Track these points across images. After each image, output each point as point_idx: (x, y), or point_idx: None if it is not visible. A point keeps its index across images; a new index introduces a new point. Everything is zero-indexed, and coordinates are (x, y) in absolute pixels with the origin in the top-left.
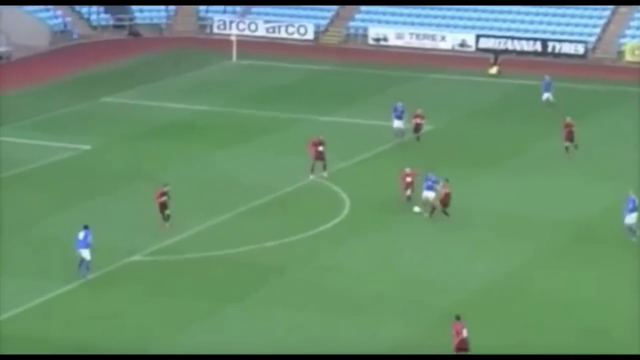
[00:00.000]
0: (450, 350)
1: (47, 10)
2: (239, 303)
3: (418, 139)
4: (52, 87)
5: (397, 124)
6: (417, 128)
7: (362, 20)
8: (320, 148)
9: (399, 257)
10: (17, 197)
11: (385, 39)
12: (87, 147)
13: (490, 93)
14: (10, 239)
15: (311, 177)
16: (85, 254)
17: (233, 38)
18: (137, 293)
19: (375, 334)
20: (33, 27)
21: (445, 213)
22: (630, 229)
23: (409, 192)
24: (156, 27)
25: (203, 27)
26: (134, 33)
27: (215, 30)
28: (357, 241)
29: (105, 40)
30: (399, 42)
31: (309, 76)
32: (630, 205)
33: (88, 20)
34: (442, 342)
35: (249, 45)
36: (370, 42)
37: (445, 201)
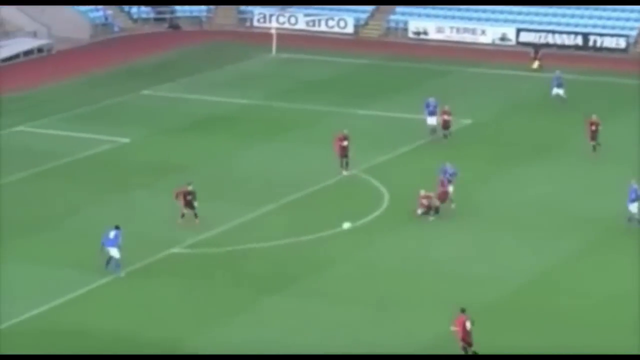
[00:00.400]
0: (487, 349)
1: None
2: (277, 296)
3: (446, 136)
4: (92, 80)
5: (430, 120)
6: (446, 125)
7: (403, 14)
8: (345, 143)
9: (437, 252)
10: (57, 189)
11: (425, 33)
12: (126, 139)
13: (530, 87)
14: (50, 231)
15: (344, 173)
16: (114, 252)
17: (273, 31)
18: (176, 285)
19: (413, 330)
20: (74, 20)
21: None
22: (632, 218)
23: (420, 211)
24: (196, 20)
25: (243, 20)
26: (174, 26)
27: (255, 23)
28: (396, 235)
29: (145, 33)
30: (439, 36)
31: (348, 70)
32: (633, 195)
33: (129, 13)
34: (479, 340)
35: (288, 39)
36: (411, 35)
37: (443, 197)
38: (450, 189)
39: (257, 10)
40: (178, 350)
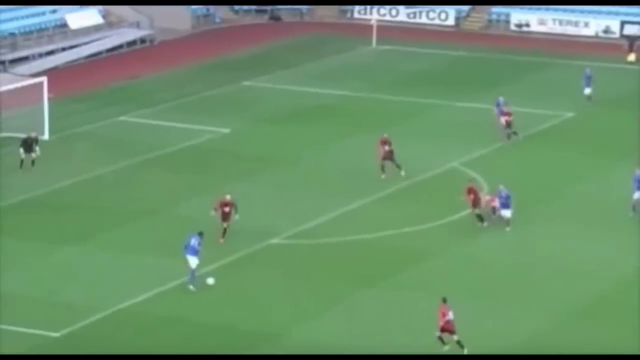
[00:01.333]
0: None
1: None
2: (375, 288)
3: (509, 137)
4: (194, 71)
5: (502, 120)
6: (508, 124)
7: (504, 6)
8: (387, 147)
9: (538, 246)
10: (157, 179)
11: (527, 25)
12: (227, 130)
13: (631, 81)
14: (149, 221)
15: (382, 176)
16: (193, 261)
17: (373, 23)
18: (274, 276)
19: (513, 324)
20: (176, 11)
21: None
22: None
23: (475, 210)
24: (297, 11)
25: (344, 11)
26: (275, 17)
27: (356, 15)
28: (496, 229)
29: (246, 25)
30: (541, 28)
31: (448, 62)
32: (637, 184)
33: (230, 4)
34: (580, 335)
35: (389, 31)
36: (512, 28)
37: (476, 203)
38: (509, 213)
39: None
40: (274, 341)
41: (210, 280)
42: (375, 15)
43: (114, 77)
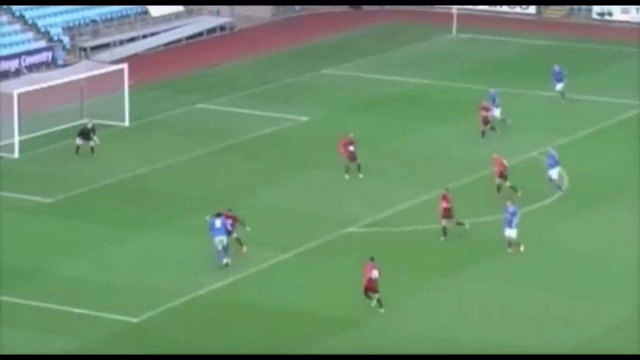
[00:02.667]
0: None
1: None
2: (453, 278)
3: (483, 134)
4: (273, 59)
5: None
6: (485, 121)
7: None
8: (351, 148)
9: (619, 236)
10: (236, 166)
11: (609, 14)
12: (305, 118)
13: None
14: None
15: (346, 177)
16: (221, 240)
17: (454, 11)
18: (351, 264)
19: (591, 314)
20: None
21: (459, 224)
22: (552, 182)
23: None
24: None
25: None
26: (355, 5)
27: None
28: (576, 219)
29: (326, 12)
30: (624, 17)
31: (530, 51)
32: (550, 161)
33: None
34: None
35: (469, 19)
36: (594, 16)
37: (446, 214)
38: (513, 233)
39: None
40: (352, 329)
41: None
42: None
43: (194, 64)
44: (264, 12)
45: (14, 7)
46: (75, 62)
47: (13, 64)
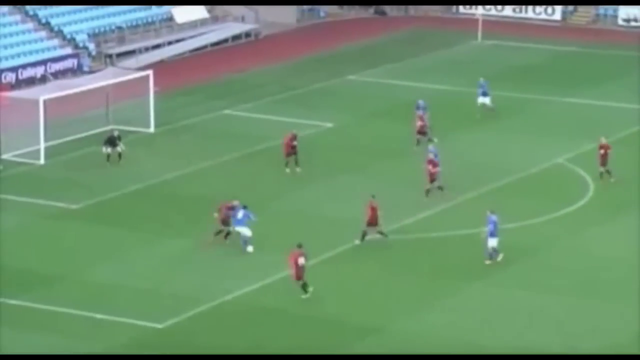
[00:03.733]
0: None
1: None
2: (478, 283)
3: (418, 142)
4: (298, 65)
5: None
6: (421, 131)
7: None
8: (295, 143)
9: None
10: (261, 172)
11: (635, 20)
12: (330, 124)
13: None
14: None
15: (287, 170)
16: (245, 230)
17: (479, 17)
18: (376, 270)
19: (619, 322)
20: (281, 5)
21: (381, 233)
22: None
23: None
24: (402, 5)
25: (449, 6)
26: (380, 12)
27: (461, 9)
28: (602, 225)
29: (351, 19)
30: None
31: (555, 57)
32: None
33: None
34: None
35: (494, 25)
36: (620, 22)
37: (372, 221)
38: (495, 242)
39: None
40: (379, 335)
41: (250, 249)
42: (480, 10)
43: (219, 71)
44: (289, 19)
45: (40, 14)
46: (101, 69)
47: (39, 71)
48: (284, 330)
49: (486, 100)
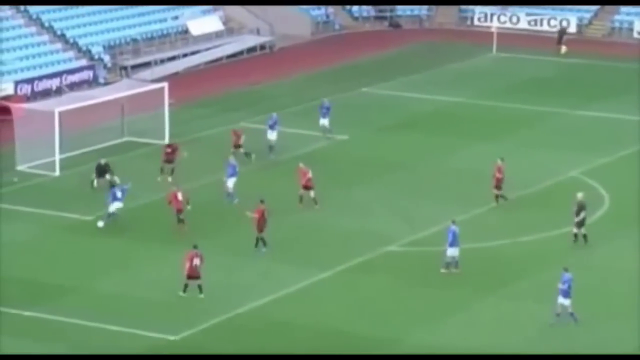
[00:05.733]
0: None
1: None
2: (493, 297)
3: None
4: (313, 77)
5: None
6: (236, 144)
7: (628, 14)
8: (169, 150)
9: None
10: (276, 184)
11: None
12: (345, 137)
13: None
14: (270, 225)
15: (163, 179)
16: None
17: (494, 30)
18: (391, 283)
19: (629, 335)
20: (296, 17)
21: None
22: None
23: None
24: (416, 18)
25: (464, 19)
26: (395, 24)
27: (476, 22)
28: (618, 238)
29: (366, 32)
30: None
31: (570, 70)
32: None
33: (350, 11)
34: None
35: (509, 38)
36: (636, 36)
37: (260, 227)
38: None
39: (478, 10)
40: (392, 347)
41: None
42: (495, 22)
43: (234, 83)
44: (304, 31)
45: (56, 26)
46: (116, 81)
47: (54, 83)
48: (296, 343)
49: (326, 121)
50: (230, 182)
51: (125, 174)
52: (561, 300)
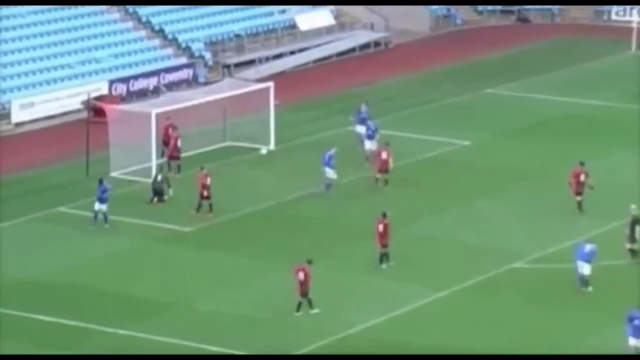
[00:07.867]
0: None
1: None
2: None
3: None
4: (432, 77)
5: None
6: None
7: None
8: (174, 138)
9: None
10: (393, 193)
11: None
12: (467, 142)
13: None
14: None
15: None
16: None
17: (634, 25)
18: (514, 303)
19: None
20: (413, 11)
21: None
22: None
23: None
24: (547, 12)
25: (600, 13)
26: (523, 19)
27: (614, 16)
28: None
29: (490, 27)
30: None
31: None
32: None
33: (474, 4)
34: None
35: None
36: None
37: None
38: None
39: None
40: None
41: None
42: (636, 17)
43: (346, 83)
44: (422, 26)
45: (154, 21)
46: (218, 80)
47: (152, 82)
48: None
49: (370, 144)
50: (331, 172)
51: (224, 182)
52: (633, 341)
